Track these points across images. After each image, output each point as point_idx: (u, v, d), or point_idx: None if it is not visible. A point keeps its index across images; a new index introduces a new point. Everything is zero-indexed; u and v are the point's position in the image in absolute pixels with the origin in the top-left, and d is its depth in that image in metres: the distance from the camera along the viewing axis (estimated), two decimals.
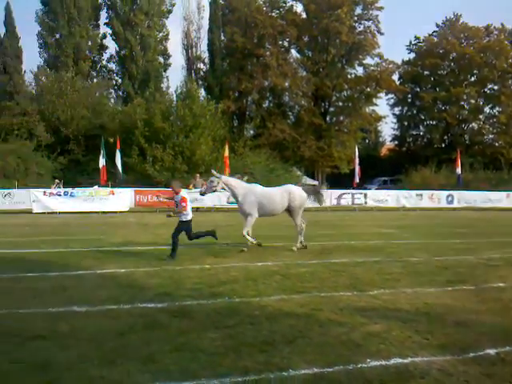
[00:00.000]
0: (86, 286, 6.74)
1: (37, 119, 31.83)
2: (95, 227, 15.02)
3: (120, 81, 41.50)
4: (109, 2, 40.25)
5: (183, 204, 8.86)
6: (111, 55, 42.13)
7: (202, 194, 10.54)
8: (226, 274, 7.59)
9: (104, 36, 41.47)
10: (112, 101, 40.08)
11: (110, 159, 25.10)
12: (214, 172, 10.24)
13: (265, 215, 10.33)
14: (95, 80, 40.38)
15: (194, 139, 29.20)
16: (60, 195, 21.11)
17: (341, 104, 44.22)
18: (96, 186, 22.72)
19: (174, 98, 33.37)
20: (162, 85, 40.58)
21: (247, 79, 38.78)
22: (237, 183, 10.25)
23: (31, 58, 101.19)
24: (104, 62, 42.49)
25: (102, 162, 24.41)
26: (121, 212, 21.27)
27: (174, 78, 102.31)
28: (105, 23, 40.85)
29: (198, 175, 24.59)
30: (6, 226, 15.47)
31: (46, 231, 13.88)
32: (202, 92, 38.61)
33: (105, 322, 5.02)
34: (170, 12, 42.19)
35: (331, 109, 43.76)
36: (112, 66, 42.46)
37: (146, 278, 7.26)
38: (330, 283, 6.99)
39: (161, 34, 41.76)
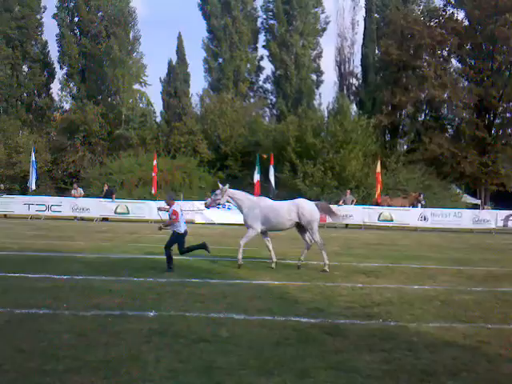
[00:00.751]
0: (244, 295, 7.10)
1: (200, 137, 34.94)
2: None
3: (274, 100, 43.39)
4: (267, 26, 42.65)
5: (173, 217, 9.27)
6: (267, 76, 44.36)
7: (207, 206, 10.87)
8: (379, 294, 7.34)
9: (261, 58, 43.95)
10: (266, 119, 42.09)
11: (264, 175, 26.24)
12: (220, 184, 10.48)
13: (272, 229, 10.02)
14: (252, 100, 42.90)
15: (345, 155, 29.02)
16: (219, 207, 22.73)
17: (509, 115, 39.94)
18: None
19: (326, 114, 33.70)
20: (314, 101, 41.33)
21: (402, 92, 37.36)
22: (242, 196, 10.21)
23: (196, 82, 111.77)
24: (260, 83, 44.94)
25: (256, 177, 25.59)
26: None
27: (326, 94, 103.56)
28: (262, 46, 43.35)
29: (348, 191, 24.40)
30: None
31: (206, 241, 14.99)
32: (354, 107, 38.38)
33: (261, 332, 5.22)
34: (324, 30, 43.01)
35: (497, 121, 39.79)
36: (268, 86, 44.66)
37: (298, 292, 7.39)
38: (499, 314, 6.30)
39: (314, 52, 42.68)
